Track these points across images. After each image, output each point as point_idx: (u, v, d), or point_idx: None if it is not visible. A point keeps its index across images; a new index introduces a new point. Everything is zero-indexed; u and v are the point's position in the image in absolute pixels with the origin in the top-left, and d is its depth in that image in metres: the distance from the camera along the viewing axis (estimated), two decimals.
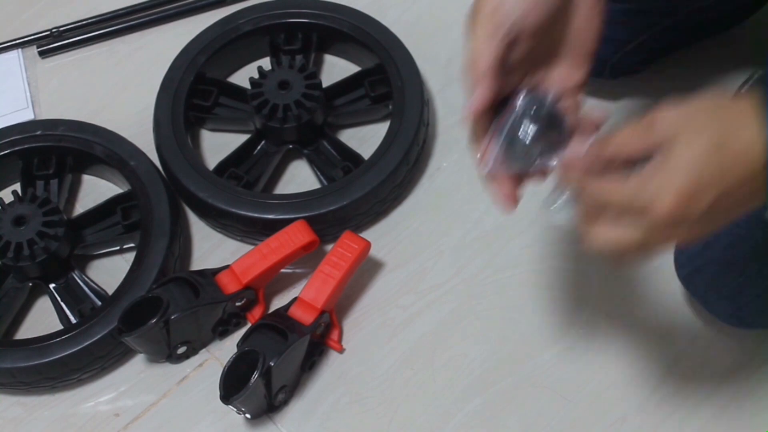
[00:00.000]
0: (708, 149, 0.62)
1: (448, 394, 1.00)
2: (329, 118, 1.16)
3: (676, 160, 0.63)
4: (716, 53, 1.20)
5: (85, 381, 1.02)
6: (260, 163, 1.14)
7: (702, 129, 0.63)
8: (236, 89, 1.19)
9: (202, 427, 1.00)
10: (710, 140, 0.62)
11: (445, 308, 1.05)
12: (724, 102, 0.65)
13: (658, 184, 0.63)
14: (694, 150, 0.62)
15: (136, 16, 1.30)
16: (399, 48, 1.17)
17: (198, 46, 1.18)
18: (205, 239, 1.12)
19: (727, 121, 0.63)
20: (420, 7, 1.29)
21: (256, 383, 0.90)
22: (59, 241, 1.03)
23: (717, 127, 0.63)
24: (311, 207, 1.06)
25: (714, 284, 0.92)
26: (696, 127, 0.63)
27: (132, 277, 1.01)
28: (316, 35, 1.21)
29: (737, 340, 1.01)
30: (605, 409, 0.99)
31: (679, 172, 0.62)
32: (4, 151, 1.11)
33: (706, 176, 0.62)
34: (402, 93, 1.13)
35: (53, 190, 1.12)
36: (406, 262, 1.09)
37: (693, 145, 0.62)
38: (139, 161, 1.10)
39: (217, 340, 1.05)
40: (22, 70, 1.26)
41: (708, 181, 0.62)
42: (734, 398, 0.98)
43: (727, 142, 0.62)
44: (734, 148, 0.62)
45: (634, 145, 0.66)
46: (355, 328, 1.05)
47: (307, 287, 0.99)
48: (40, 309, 1.08)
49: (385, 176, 1.07)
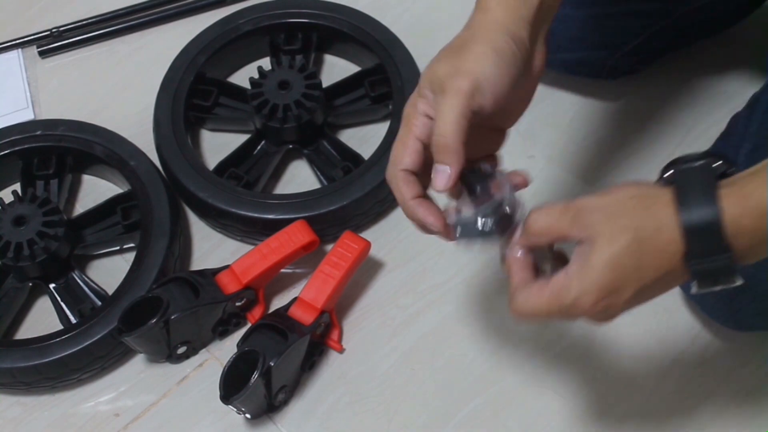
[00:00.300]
0: (628, 247, 0.65)
1: (448, 394, 1.00)
2: (329, 118, 1.16)
3: (598, 257, 0.65)
4: (715, 53, 1.20)
5: (85, 381, 1.02)
6: (260, 163, 1.14)
7: (623, 227, 0.65)
8: (236, 89, 1.19)
9: (202, 427, 1.00)
10: (630, 238, 0.65)
11: (445, 308, 1.05)
12: (645, 195, 0.66)
13: (579, 285, 0.66)
14: (614, 248, 0.65)
15: (136, 16, 1.30)
16: (399, 48, 1.17)
17: (198, 46, 1.18)
18: (205, 239, 1.12)
19: (647, 218, 0.65)
20: (420, 7, 1.29)
21: (256, 383, 0.90)
22: (59, 241, 1.03)
23: (637, 225, 0.65)
24: (311, 207, 1.06)
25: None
26: (617, 225, 0.65)
27: (132, 277, 1.01)
28: (316, 35, 1.21)
29: (736, 341, 1.01)
30: (605, 409, 0.98)
31: (600, 270, 0.65)
32: (4, 151, 1.11)
33: (627, 273, 0.65)
34: (402, 93, 1.13)
35: (53, 190, 1.12)
36: (406, 262, 1.09)
37: (614, 243, 0.65)
38: (139, 161, 1.10)
39: (217, 340, 1.05)
40: (22, 70, 1.26)
41: (628, 276, 0.65)
42: (734, 398, 0.98)
43: (646, 239, 0.65)
44: (653, 246, 0.65)
45: (558, 234, 0.68)
46: (355, 328, 1.05)
47: (307, 287, 0.99)
48: (40, 309, 1.08)
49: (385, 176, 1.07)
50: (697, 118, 1.16)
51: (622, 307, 0.67)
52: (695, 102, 1.18)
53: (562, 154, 1.15)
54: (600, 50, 1.13)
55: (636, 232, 0.65)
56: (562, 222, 0.68)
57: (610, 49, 1.12)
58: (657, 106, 1.18)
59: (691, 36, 1.16)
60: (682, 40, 1.17)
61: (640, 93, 1.19)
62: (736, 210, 0.63)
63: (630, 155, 1.14)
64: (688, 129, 1.16)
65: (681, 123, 1.16)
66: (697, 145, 1.11)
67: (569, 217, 0.67)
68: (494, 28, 0.72)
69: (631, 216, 0.66)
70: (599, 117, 1.18)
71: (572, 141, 1.16)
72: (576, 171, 1.14)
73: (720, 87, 1.18)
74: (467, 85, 0.70)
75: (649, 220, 0.65)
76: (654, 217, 0.65)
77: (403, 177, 0.73)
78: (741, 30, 1.18)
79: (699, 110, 1.17)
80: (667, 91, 1.19)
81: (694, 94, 1.18)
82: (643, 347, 1.02)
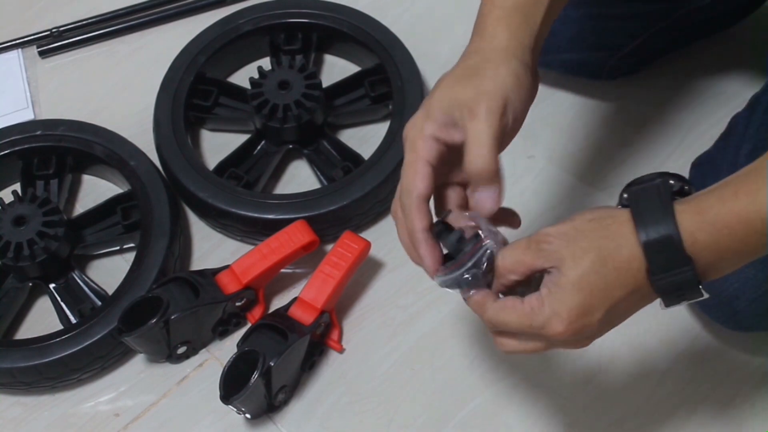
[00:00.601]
0: (592, 266, 0.66)
1: (448, 394, 1.00)
2: (329, 118, 1.16)
3: (566, 280, 0.66)
4: (715, 53, 1.20)
5: (85, 381, 1.02)
6: (260, 163, 1.14)
7: (584, 249, 0.66)
8: (236, 89, 1.19)
9: (202, 427, 1.00)
10: (593, 258, 0.66)
11: (445, 308, 1.05)
12: (603, 217, 0.68)
13: (550, 307, 0.66)
14: (579, 270, 0.66)
15: (136, 16, 1.30)
16: (399, 48, 1.17)
17: (198, 46, 1.18)
18: (205, 239, 1.12)
19: (606, 237, 0.66)
20: (420, 7, 1.29)
21: (256, 383, 0.90)
22: (59, 241, 1.03)
23: (598, 245, 0.66)
24: (311, 207, 1.06)
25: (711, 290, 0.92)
26: (578, 248, 0.66)
27: (132, 277, 1.01)
28: (316, 35, 1.21)
29: (736, 341, 1.01)
30: (605, 409, 0.99)
31: (568, 293, 0.66)
32: (4, 151, 1.11)
33: (594, 292, 0.66)
34: (402, 93, 1.13)
35: (53, 190, 1.12)
36: (406, 262, 1.07)
37: (579, 265, 0.66)
38: (139, 161, 1.10)
39: (217, 340, 1.05)
40: (22, 70, 1.26)
41: (596, 296, 0.66)
42: (734, 398, 0.99)
43: (608, 258, 0.66)
44: (617, 263, 0.66)
45: (526, 267, 0.68)
46: (355, 328, 1.05)
47: (307, 287, 0.99)
48: (40, 309, 1.08)
49: (385, 176, 1.07)
50: (697, 119, 1.16)
51: (597, 329, 0.68)
52: (695, 102, 1.18)
53: (562, 154, 1.15)
54: (600, 51, 1.13)
55: (598, 252, 0.66)
56: (527, 255, 0.68)
57: (610, 49, 1.12)
58: (657, 107, 1.18)
59: (691, 36, 1.16)
60: (682, 41, 1.17)
61: (640, 93, 1.19)
62: (692, 224, 0.65)
63: (630, 155, 1.14)
64: (688, 129, 1.16)
65: (681, 123, 1.16)
66: (697, 145, 1.11)
67: (533, 249, 0.68)
68: (505, 55, 0.72)
69: (591, 238, 0.67)
70: (599, 117, 1.18)
71: (572, 141, 1.16)
72: (576, 171, 1.14)
73: (720, 87, 1.18)
74: (499, 105, 0.70)
75: (609, 239, 0.66)
76: (613, 236, 0.66)
77: (418, 205, 0.71)
78: (741, 30, 1.18)
79: (699, 110, 1.17)
80: (667, 91, 1.19)
81: (694, 94, 1.19)
82: (643, 347, 1.02)
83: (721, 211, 0.65)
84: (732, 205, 0.65)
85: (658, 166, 1.12)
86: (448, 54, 1.21)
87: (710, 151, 0.97)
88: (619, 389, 1.00)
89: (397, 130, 1.10)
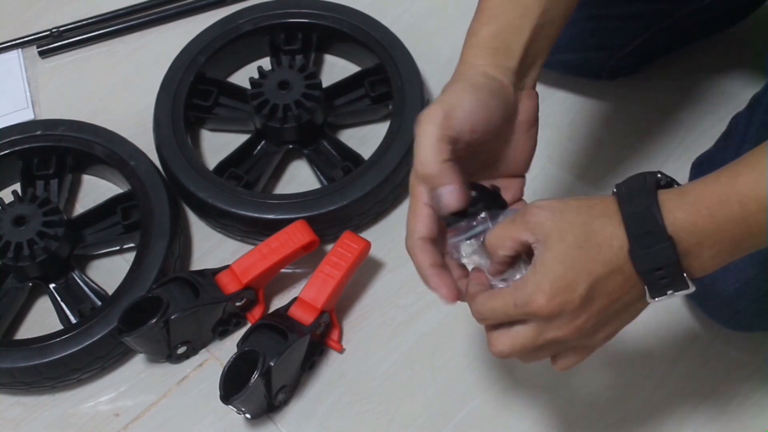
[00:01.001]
0: (575, 242, 0.67)
1: (448, 394, 1.00)
2: (329, 118, 1.16)
3: (547, 255, 0.67)
4: (715, 53, 1.20)
5: (85, 381, 1.02)
6: (260, 163, 1.14)
7: (570, 222, 0.68)
8: (236, 89, 1.19)
9: (202, 427, 1.00)
10: (578, 233, 0.67)
11: (445, 308, 1.05)
12: (591, 201, 0.69)
13: (533, 281, 0.67)
14: (563, 243, 0.67)
15: (136, 16, 1.30)
16: (399, 48, 1.17)
17: (198, 46, 1.18)
18: (205, 239, 1.12)
19: (592, 217, 0.68)
20: (420, 7, 1.29)
21: (256, 383, 0.90)
22: (59, 241, 1.03)
23: (583, 220, 0.68)
24: (311, 207, 1.06)
25: (712, 290, 0.92)
26: (564, 221, 0.68)
27: (132, 277, 1.01)
28: (316, 35, 1.21)
29: (736, 341, 1.01)
30: (605, 409, 0.99)
31: (550, 264, 0.67)
32: (4, 151, 1.11)
33: (576, 267, 0.67)
34: (402, 93, 1.13)
35: (53, 190, 1.12)
36: (406, 262, 1.07)
37: (563, 239, 0.67)
38: (139, 161, 1.10)
39: (217, 340, 1.05)
40: (22, 70, 1.26)
41: (578, 269, 0.67)
42: (734, 398, 0.99)
43: (592, 234, 0.67)
44: (598, 240, 0.67)
45: (513, 240, 0.70)
46: (355, 328, 1.05)
47: (307, 287, 0.99)
48: (40, 309, 1.08)
49: (385, 176, 1.07)
50: (697, 119, 1.16)
51: (579, 305, 0.67)
52: (695, 102, 1.18)
53: (562, 154, 1.15)
54: (600, 51, 1.13)
55: (583, 227, 0.67)
56: (513, 228, 0.70)
57: (610, 49, 1.12)
58: (657, 107, 1.18)
59: (691, 36, 1.16)
60: (682, 41, 1.17)
61: (640, 93, 1.19)
62: (672, 203, 0.66)
63: (630, 155, 1.14)
64: (688, 129, 1.16)
65: (681, 123, 1.16)
66: (697, 145, 1.11)
67: (518, 222, 0.70)
68: (472, 72, 0.75)
69: (576, 212, 0.68)
70: (599, 117, 1.18)
71: (572, 141, 1.16)
72: (576, 171, 1.14)
73: (720, 87, 1.18)
74: (438, 111, 0.72)
75: (594, 215, 0.68)
76: (598, 214, 0.68)
77: (420, 246, 0.75)
78: (741, 30, 1.18)
79: (699, 110, 1.17)
80: (667, 91, 1.19)
81: (694, 94, 1.19)
82: (643, 347, 1.02)
83: (702, 192, 0.66)
84: (713, 187, 0.66)
85: (658, 166, 1.12)
86: (448, 54, 1.21)
87: (710, 151, 0.97)
88: (619, 389, 1.00)
89: (397, 130, 1.10)
